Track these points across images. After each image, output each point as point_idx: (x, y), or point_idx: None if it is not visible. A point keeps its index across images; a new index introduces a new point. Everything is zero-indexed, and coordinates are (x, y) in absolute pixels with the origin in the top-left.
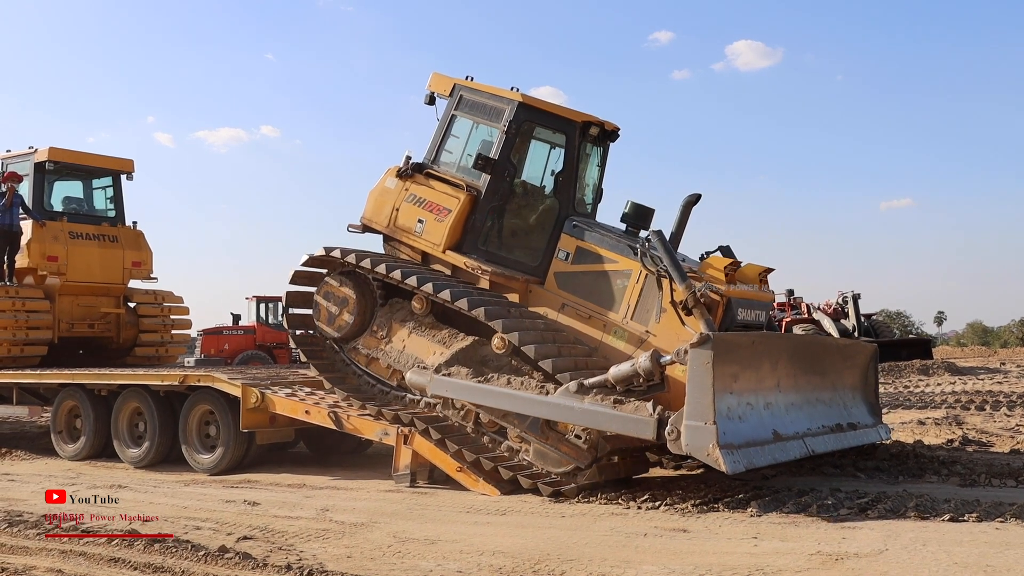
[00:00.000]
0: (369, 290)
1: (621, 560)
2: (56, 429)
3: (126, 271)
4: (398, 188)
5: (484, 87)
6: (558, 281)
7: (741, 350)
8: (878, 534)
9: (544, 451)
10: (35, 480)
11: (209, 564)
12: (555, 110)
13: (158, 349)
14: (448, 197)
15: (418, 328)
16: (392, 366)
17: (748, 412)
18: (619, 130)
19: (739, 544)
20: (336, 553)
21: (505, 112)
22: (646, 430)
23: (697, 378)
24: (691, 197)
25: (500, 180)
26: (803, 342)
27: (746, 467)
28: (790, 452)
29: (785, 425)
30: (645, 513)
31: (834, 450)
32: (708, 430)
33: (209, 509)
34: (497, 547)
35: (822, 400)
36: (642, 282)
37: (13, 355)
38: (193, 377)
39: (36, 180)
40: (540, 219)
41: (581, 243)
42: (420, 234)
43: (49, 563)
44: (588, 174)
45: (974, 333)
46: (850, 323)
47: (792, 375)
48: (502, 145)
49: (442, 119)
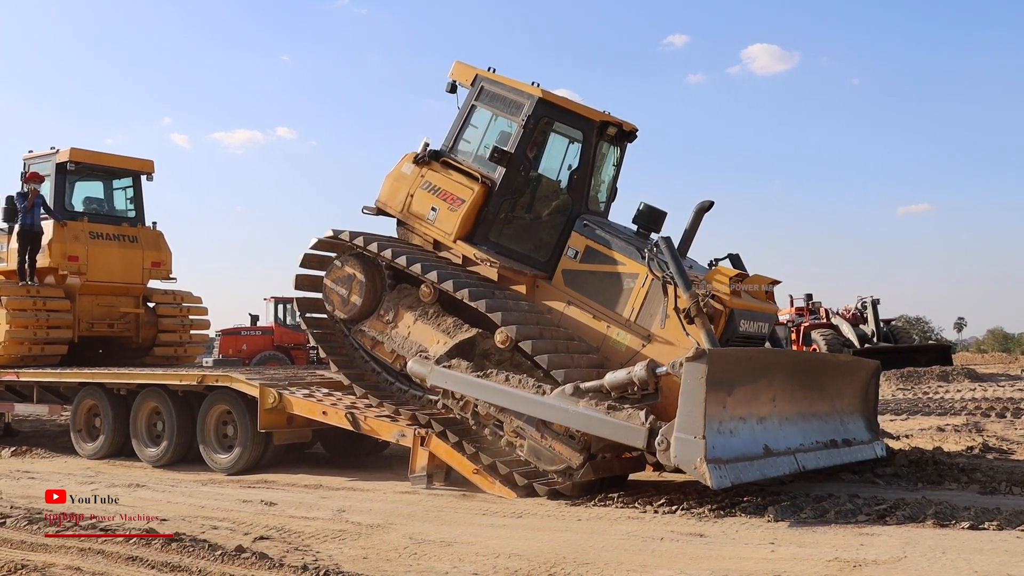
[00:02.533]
0: (378, 273)
1: (637, 564)
2: (76, 428)
3: (146, 271)
4: (414, 174)
5: (505, 80)
6: (565, 278)
7: (738, 365)
8: (897, 541)
9: (538, 448)
10: (55, 478)
11: (226, 564)
12: (574, 108)
13: (177, 349)
14: (462, 187)
15: (424, 315)
16: (396, 351)
17: (740, 427)
18: (637, 131)
19: (756, 549)
20: (352, 554)
21: (524, 106)
22: (637, 438)
23: (690, 391)
24: (704, 203)
25: (515, 174)
26: (803, 358)
27: (732, 482)
28: (780, 468)
29: (777, 440)
30: (662, 517)
31: (825, 467)
32: (697, 444)
33: (226, 509)
34: (513, 550)
35: (818, 416)
36: (648, 286)
37: (34, 354)
38: (211, 377)
39: (57, 180)
40: (552, 215)
41: (590, 242)
42: (432, 222)
43: (68, 560)
44: (603, 173)
45: (994, 339)
46: (869, 328)
47: (789, 390)
48: (519, 139)
49: (462, 108)
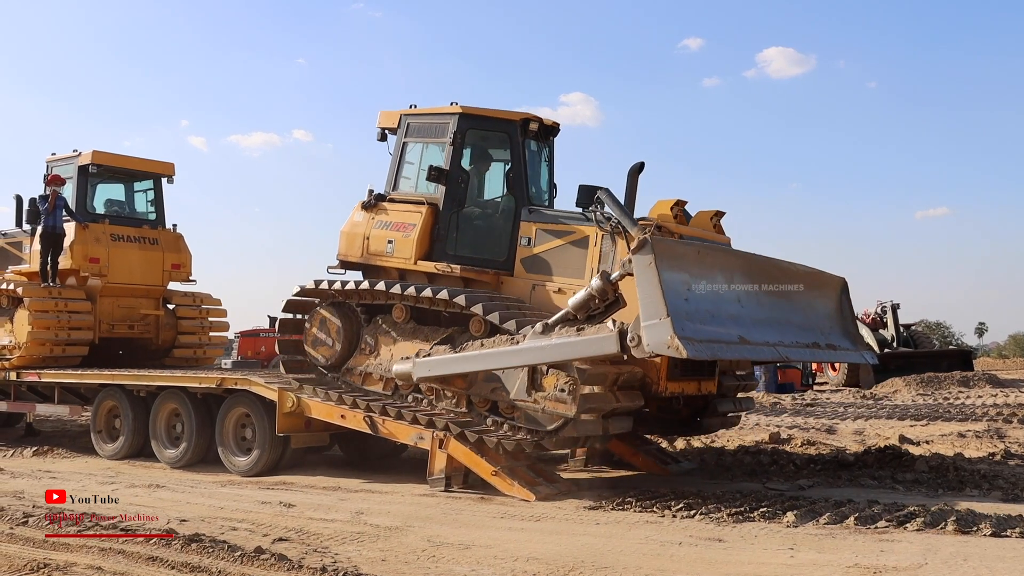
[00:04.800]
0: (354, 316)
1: (656, 568)
2: (96, 428)
3: (166, 273)
4: (365, 219)
5: (427, 109)
6: (525, 266)
7: (686, 257)
8: (917, 548)
9: (534, 413)
10: (76, 478)
11: (245, 565)
12: (494, 113)
13: (196, 351)
14: (410, 214)
15: (402, 334)
16: (384, 376)
17: (709, 319)
18: (559, 126)
19: (775, 555)
20: (371, 556)
21: (449, 125)
22: (610, 345)
23: (644, 280)
24: (636, 165)
25: (455, 188)
26: (758, 261)
27: (709, 356)
28: (760, 354)
29: (752, 335)
30: (680, 522)
31: (810, 361)
32: (664, 324)
33: (245, 510)
34: (531, 553)
35: (793, 323)
36: (599, 243)
37: (55, 355)
38: (231, 380)
39: (79, 183)
40: (500, 217)
41: (538, 225)
42: (392, 253)
43: (89, 560)
44: (538, 169)
45: (1016, 345)
46: (889, 333)
47: (754, 294)
48: (452, 155)
49: (395, 149)
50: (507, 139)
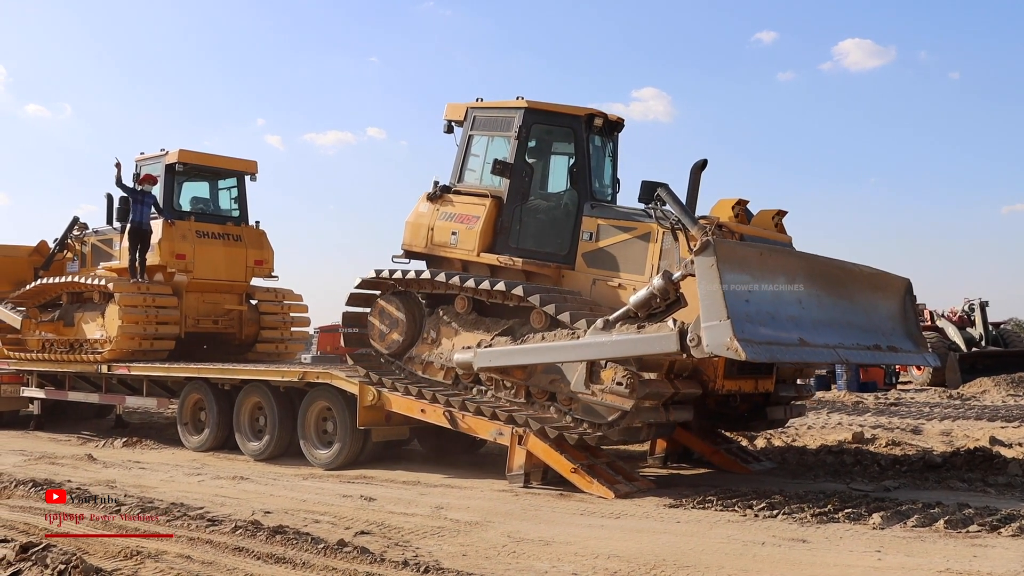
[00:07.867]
0: (416, 305)
1: (739, 569)
2: (182, 421)
3: (249, 269)
4: (430, 211)
5: (494, 103)
6: (586, 260)
7: (748, 259)
8: (1013, 554)
9: (591, 405)
10: (163, 469)
11: (328, 557)
12: (559, 108)
13: (278, 346)
14: (475, 206)
15: (464, 325)
16: (444, 365)
17: (769, 320)
18: (623, 121)
19: (861, 557)
20: (451, 551)
21: (515, 119)
22: (670, 344)
23: (705, 282)
24: (699, 162)
25: (520, 181)
26: (820, 263)
27: (768, 359)
28: (820, 356)
29: (813, 337)
30: (763, 521)
31: (872, 364)
32: (724, 326)
33: (327, 503)
34: (612, 551)
35: (855, 324)
36: (660, 240)
37: (144, 349)
38: (312, 374)
39: (166, 181)
40: (563, 211)
41: (601, 220)
42: (455, 245)
43: (179, 549)
44: (602, 164)
45: None
46: (977, 331)
47: (815, 296)
48: (516, 148)
49: (461, 141)
50: (572, 134)
